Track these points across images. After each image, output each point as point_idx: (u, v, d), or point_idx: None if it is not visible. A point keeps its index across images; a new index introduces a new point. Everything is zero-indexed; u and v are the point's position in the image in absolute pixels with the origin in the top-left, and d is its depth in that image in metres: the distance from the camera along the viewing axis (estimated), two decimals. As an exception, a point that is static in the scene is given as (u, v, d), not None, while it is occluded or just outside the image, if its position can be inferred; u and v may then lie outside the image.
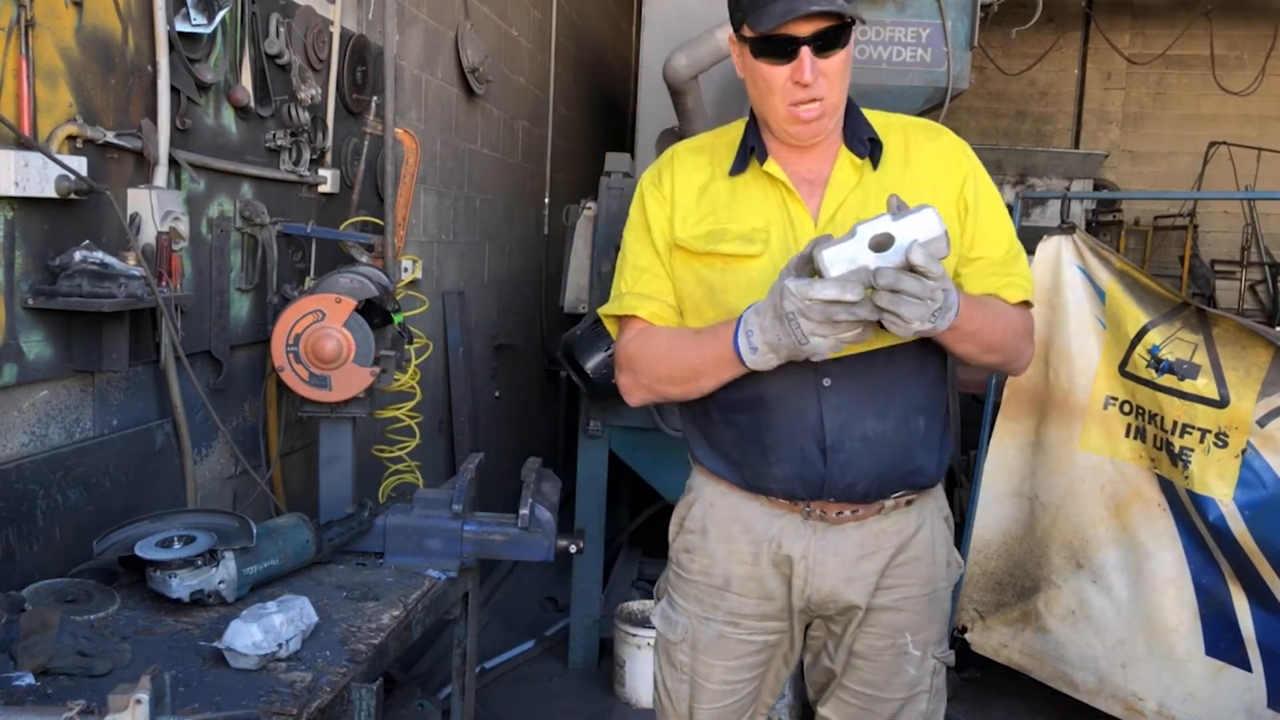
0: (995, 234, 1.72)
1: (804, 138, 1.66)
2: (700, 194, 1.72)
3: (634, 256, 1.77)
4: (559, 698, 3.64)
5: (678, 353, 1.67)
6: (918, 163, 1.71)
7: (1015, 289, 1.70)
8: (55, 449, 1.90)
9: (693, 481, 1.87)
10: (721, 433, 1.75)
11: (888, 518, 1.74)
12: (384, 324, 2.53)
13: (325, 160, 2.85)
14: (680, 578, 1.84)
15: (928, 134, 1.75)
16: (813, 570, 1.72)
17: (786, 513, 1.73)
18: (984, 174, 1.74)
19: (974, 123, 8.43)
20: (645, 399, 1.76)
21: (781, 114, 1.62)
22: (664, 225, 1.73)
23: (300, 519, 2.07)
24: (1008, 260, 1.72)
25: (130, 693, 1.17)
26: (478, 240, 4.53)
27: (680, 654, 1.83)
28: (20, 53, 1.73)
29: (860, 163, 1.68)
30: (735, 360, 1.55)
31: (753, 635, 1.79)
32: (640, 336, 1.72)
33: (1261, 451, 2.80)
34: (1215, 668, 2.95)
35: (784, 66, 1.58)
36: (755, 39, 1.58)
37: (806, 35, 1.54)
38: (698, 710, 1.83)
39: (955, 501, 4.08)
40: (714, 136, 1.80)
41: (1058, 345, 3.25)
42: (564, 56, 5.91)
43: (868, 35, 3.42)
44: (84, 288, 1.82)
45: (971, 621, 3.48)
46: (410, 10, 3.52)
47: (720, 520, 1.78)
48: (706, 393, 1.67)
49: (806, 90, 1.58)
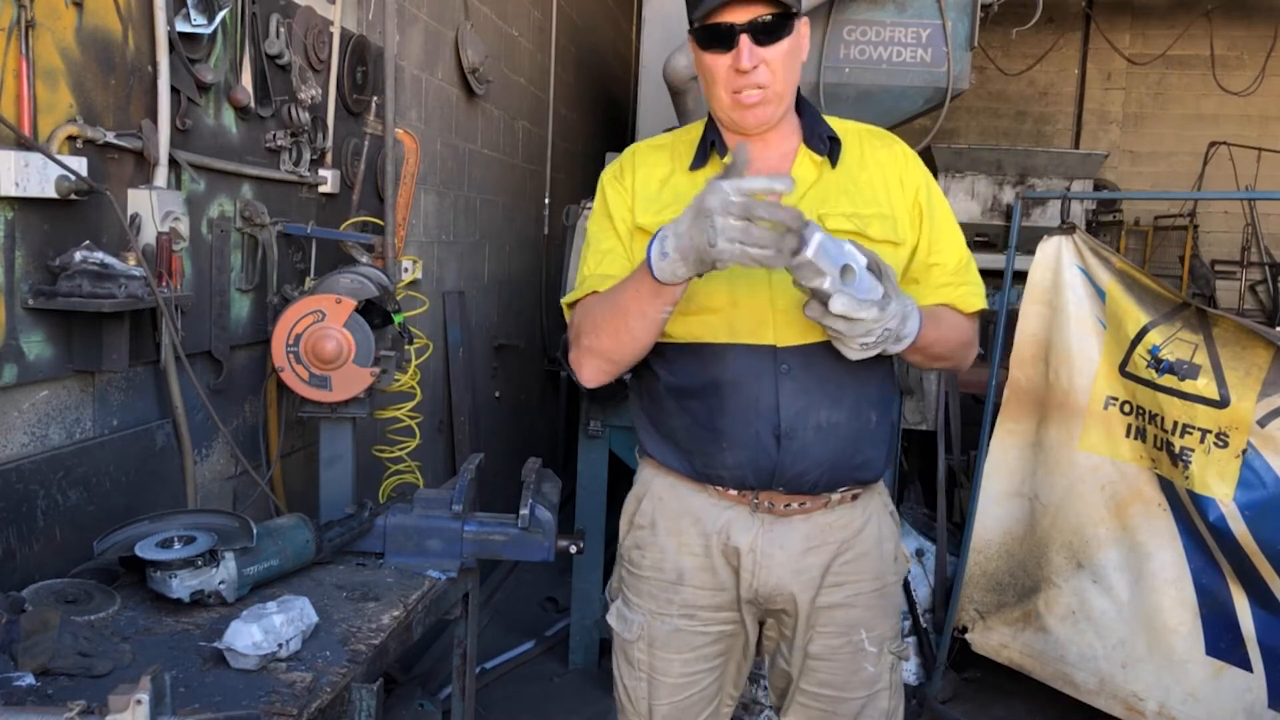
0: (950, 242, 1.77)
1: (749, 125, 1.68)
2: (661, 186, 1.76)
3: (596, 243, 1.79)
4: (559, 698, 3.64)
5: (608, 299, 1.66)
6: (872, 167, 1.75)
7: (972, 298, 1.77)
8: (55, 449, 1.90)
9: (641, 476, 1.88)
10: (673, 419, 1.76)
11: (833, 511, 1.76)
12: (384, 324, 2.53)
13: (325, 160, 2.85)
14: (633, 575, 1.85)
15: (881, 141, 1.80)
16: (760, 563, 1.74)
17: (735, 504, 1.75)
18: (935, 183, 1.80)
19: (974, 123, 8.43)
20: (594, 369, 1.71)
21: (726, 102, 1.67)
22: (625, 214, 1.76)
23: (300, 519, 2.06)
24: (961, 268, 1.77)
25: (131, 693, 1.17)
26: (478, 240, 4.53)
27: (637, 652, 1.84)
28: (20, 53, 1.73)
29: (820, 160, 1.72)
30: (648, 276, 1.51)
31: (708, 627, 1.81)
32: (583, 304, 1.73)
33: (1262, 452, 2.80)
34: (1216, 668, 2.95)
35: (725, 55, 1.63)
36: (699, 30, 1.64)
37: (744, 23, 1.59)
38: (656, 707, 1.84)
39: (955, 502, 4.08)
40: (674, 136, 1.85)
41: (1058, 345, 3.25)
42: (564, 57, 5.92)
43: (868, 36, 3.42)
44: (84, 288, 1.82)
45: (972, 621, 3.48)
46: (410, 10, 3.52)
47: (669, 514, 1.80)
48: (641, 341, 1.63)
49: (747, 77, 1.62)
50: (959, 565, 3.51)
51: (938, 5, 3.36)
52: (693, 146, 1.77)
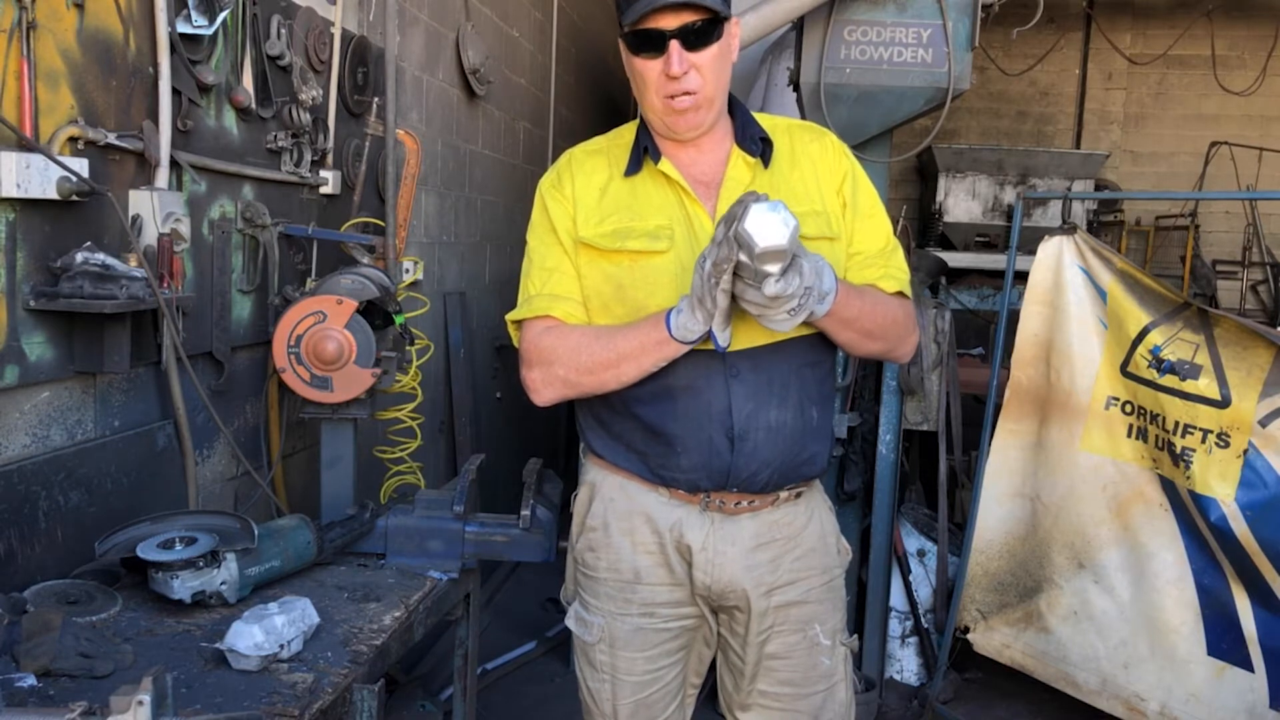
0: (873, 230, 1.80)
1: (681, 130, 1.71)
2: (601, 194, 1.76)
3: (540, 259, 1.79)
4: (560, 698, 3.63)
5: (603, 340, 1.69)
6: (803, 162, 1.78)
7: (891, 280, 1.79)
8: (57, 450, 1.90)
9: (588, 477, 1.89)
10: (624, 424, 1.78)
11: (779, 509, 1.80)
12: (385, 325, 2.53)
13: (326, 161, 2.85)
14: (588, 577, 1.86)
15: (811, 135, 1.83)
16: (713, 560, 1.76)
17: (685, 503, 1.77)
18: (862, 173, 1.83)
19: (975, 123, 8.42)
20: (556, 394, 1.76)
21: (658, 107, 1.69)
22: (568, 225, 1.76)
23: (302, 520, 2.07)
24: (884, 254, 1.80)
25: (132, 694, 1.17)
26: (479, 241, 4.53)
27: (599, 654, 1.85)
28: (22, 54, 1.73)
29: (753, 161, 1.74)
30: (663, 333, 1.58)
31: (669, 623, 1.82)
32: (555, 331, 1.74)
33: (1263, 452, 2.80)
34: (1217, 668, 2.95)
35: (656, 60, 1.64)
36: (629, 34, 1.65)
37: (674, 29, 1.61)
38: (621, 706, 1.85)
39: (957, 502, 4.08)
40: (609, 140, 1.86)
41: (1059, 345, 3.24)
42: (565, 57, 5.92)
43: (868, 36, 3.42)
44: (86, 289, 1.82)
45: (974, 622, 3.48)
46: (411, 11, 3.52)
47: (621, 514, 1.81)
48: (626, 383, 1.69)
49: (677, 83, 1.64)
50: (960, 565, 3.51)
51: (938, 5, 3.36)
52: (627, 150, 1.78)
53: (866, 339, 1.73)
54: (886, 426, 3.69)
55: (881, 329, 1.73)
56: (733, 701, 1.90)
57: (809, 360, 1.76)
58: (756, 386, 1.70)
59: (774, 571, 1.79)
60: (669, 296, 1.68)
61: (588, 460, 1.91)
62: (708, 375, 1.69)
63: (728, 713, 1.92)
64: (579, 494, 1.90)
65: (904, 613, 3.83)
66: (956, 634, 3.51)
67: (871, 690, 3.63)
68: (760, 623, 1.80)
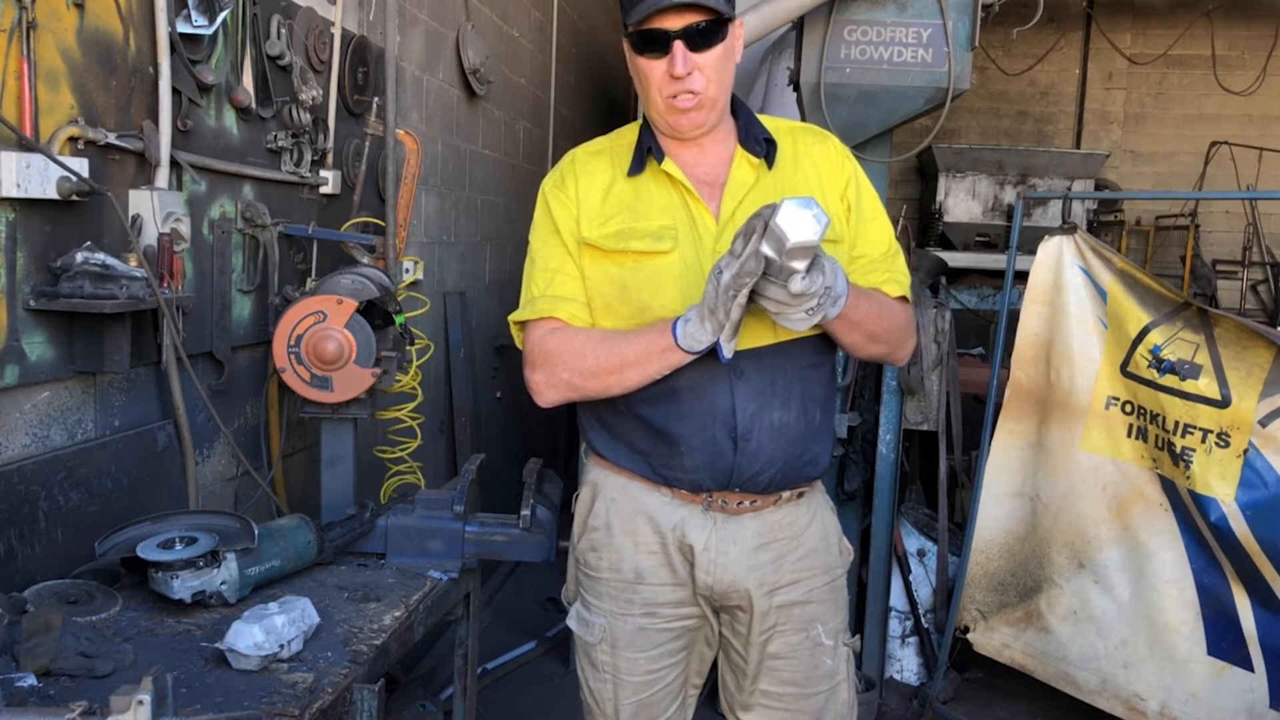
0: (876, 234, 1.81)
1: (684, 129, 1.71)
2: (604, 195, 1.76)
3: (544, 260, 1.79)
4: (560, 698, 3.64)
5: (608, 344, 1.69)
6: (806, 165, 1.78)
7: (894, 284, 1.80)
8: (57, 450, 1.90)
9: (590, 477, 1.89)
10: (627, 424, 1.78)
11: (781, 509, 1.80)
12: (385, 325, 2.53)
13: (326, 161, 2.85)
14: (590, 578, 1.86)
15: (814, 137, 1.83)
16: (715, 560, 1.76)
17: (687, 503, 1.77)
18: (864, 177, 1.83)
19: (975, 123, 8.42)
20: (560, 396, 1.76)
21: (660, 106, 1.69)
22: (572, 226, 1.76)
23: (302, 520, 2.07)
24: (887, 258, 1.80)
25: (132, 694, 1.17)
26: (479, 241, 4.53)
27: (600, 654, 1.85)
28: (22, 54, 1.73)
29: (757, 162, 1.75)
30: (669, 341, 1.58)
31: (671, 623, 1.82)
32: (560, 333, 1.74)
33: (1263, 451, 2.80)
34: (1217, 668, 2.95)
35: (660, 60, 1.65)
36: (633, 34, 1.65)
37: (678, 29, 1.61)
38: (623, 707, 1.85)
39: (957, 502, 4.08)
40: (611, 140, 1.85)
41: (1059, 345, 3.24)
42: (565, 57, 5.92)
43: (869, 36, 3.42)
44: (86, 289, 1.82)
45: (974, 621, 3.48)
46: (411, 11, 3.52)
47: (623, 514, 1.81)
48: (630, 389, 1.69)
49: (681, 83, 1.64)
50: (960, 565, 3.51)
51: (938, 5, 3.36)
52: (630, 150, 1.78)
53: (871, 341, 1.74)
54: (886, 426, 3.69)
55: (886, 332, 1.74)
56: (734, 701, 1.90)
57: (811, 361, 1.76)
58: (760, 387, 1.71)
59: (776, 571, 1.79)
60: (673, 297, 1.68)
61: (589, 460, 1.91)
62: (711, 376, 1.69)
63: (729, 713, 1.92)
64: (581, 494, 1.90)
65: (904, 612, 3.83)
66: (956, 634, 3.51)
67: (872, 690, 3.63)
68: (762, 623, 1.79)
